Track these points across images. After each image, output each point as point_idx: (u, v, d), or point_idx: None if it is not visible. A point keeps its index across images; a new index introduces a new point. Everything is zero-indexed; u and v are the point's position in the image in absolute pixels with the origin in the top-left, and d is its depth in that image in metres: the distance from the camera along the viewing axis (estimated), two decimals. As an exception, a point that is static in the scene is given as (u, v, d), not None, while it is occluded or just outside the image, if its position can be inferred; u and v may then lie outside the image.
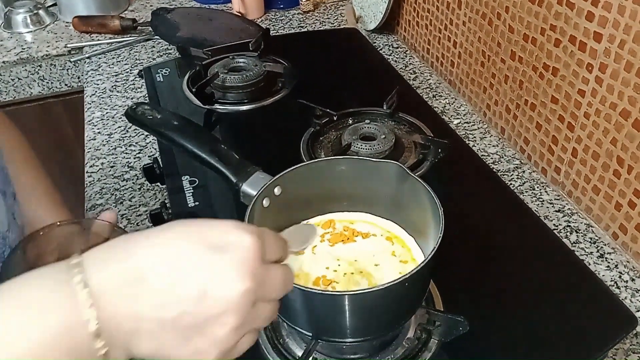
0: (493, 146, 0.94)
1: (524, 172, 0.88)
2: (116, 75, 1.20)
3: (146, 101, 1.03)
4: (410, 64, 1.20)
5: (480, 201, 0.76)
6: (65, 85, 1.35)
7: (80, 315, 0.31)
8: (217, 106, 0.96)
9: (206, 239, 0.34)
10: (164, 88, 1.03)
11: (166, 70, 1.07)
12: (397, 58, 1.23)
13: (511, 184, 0.85)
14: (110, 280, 0.32)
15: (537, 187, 0.85)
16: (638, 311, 0.67)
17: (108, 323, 0.32)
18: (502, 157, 0.92)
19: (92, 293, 0.32)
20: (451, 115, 1.02)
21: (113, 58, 1.27)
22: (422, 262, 0.47)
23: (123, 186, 0.88)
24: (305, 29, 1.37)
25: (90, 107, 1.09)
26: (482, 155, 0.91)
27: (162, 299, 0.32)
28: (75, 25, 1.37)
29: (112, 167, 0.93)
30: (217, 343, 0.34)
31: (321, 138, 0.86)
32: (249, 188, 0.57)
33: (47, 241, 0.51)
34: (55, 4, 1.48)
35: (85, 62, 1.27)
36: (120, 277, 0.32)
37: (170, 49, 1.28)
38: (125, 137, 0.99)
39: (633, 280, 0.71)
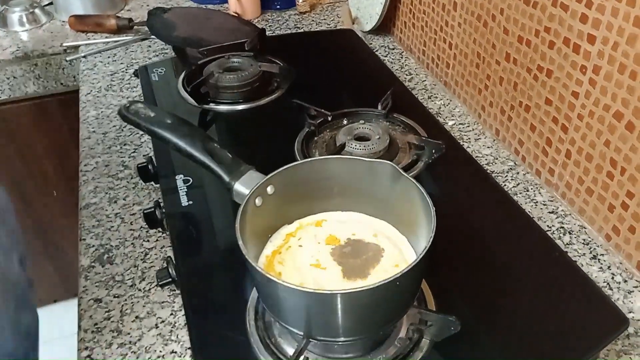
0: (487, 147, 0.94)
1: (518, 173, 0.89)
2: (112, 75, 1.20)
3: (140, 100, 1.03)
4: (405, 65, 1.21)
5: (474, 202, 0.77)
6: (61, 84, 1.35)
7: None
8: (212, 105, 0.96)
9: None
10: (159, 87, 1.03)
11: (162, 69, 1.07)
12: (392, 59, 1.23)
13: (505, 185, 0.86)
14: None
15: (531, 189, 0.85)
16: (630, 312, 0.67)
17: None
18: (497, 159, 0.92)
19: None
20: (446, 117, 1.03)
21: (109, 57, 1.27)
22: (414, 261, 0.47)
23: (117, 185, 0.88)
24: (302, 30, 1.37)
25: (85, 106, 1.09)
26: (477, 156, 0.91)
27: None
28: (72, 24, 1.37)
29: (106, 166, 0.92)
30: None
31: (316, 138, 0.86)
32: (241, 187, 0.57)
33: None
34: (51, 3, 1.48)
35: (81, 61, 1.27)
36: None
37: (166, 49, 1.28)
38: (120, 136, 0.99)
39: (625, 281, 0.71)
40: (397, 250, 0.57)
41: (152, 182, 0.86)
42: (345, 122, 0.87)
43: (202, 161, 0.61)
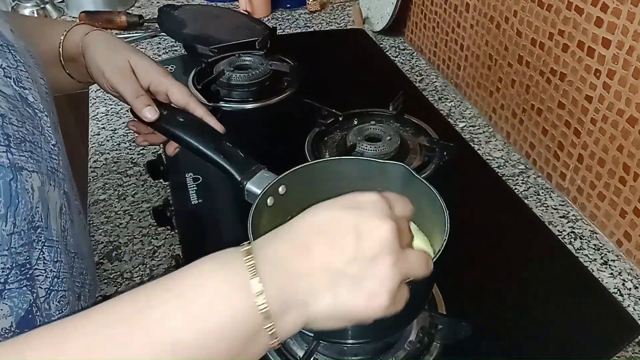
0: (498, 150, 0.94)
1: (529, 177, 0.88)
2: (122, 71, 1.20)
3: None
4: (416, 66, 1.20)
5: (484, 205, 0.76)
6: (71, 80, 1.35)
7: (250, 301, 0.34)
8: (222, 104, 0.95)
9: (342, 205, 0.39)
10: (169, 85, 1.02)
11: (172, 67, 1.07)
12: (403, 60, 1.23)
13: (516, 188, 0.85)
14: (281, 249, 0.37)
15: (542, 193, 0.85)
16: (641, 319, 0.66)
17: (283, 288, 0.35)
18: (507, 162, 0.91)
19: (268, 261, 0.36)
20: (457, 119, 1.02)
21: (119, 54, 1.27)
22: (427, 265, 0.46)
23: (126, 182, 0.88)
24: (312, 29, 1.37)
25: (94, 103, 1.09)
26: (487, 159, 0.90)
27: (328, 254, 0.36)
28: (82, 20, 1.37)
29: (115, 162, 0.92)
30: (385, 282, 0.37)
31: (326, 138, 0.85)
32: (253, 186, 0.57)
33: None
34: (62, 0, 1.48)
35: (91, 57, 1.27)
36: (289, 246, 0.37)
37: (176, 46, 1.28)
38: (130, 133, 0.99)
39: (636, 288, 0.71)
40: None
41: (161, 180, 0.86)
42: (355, 122, 0.87)
43: (213, 160, 0.60)
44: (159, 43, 1.31)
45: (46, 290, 0.47)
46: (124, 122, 1.02)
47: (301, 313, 0.36)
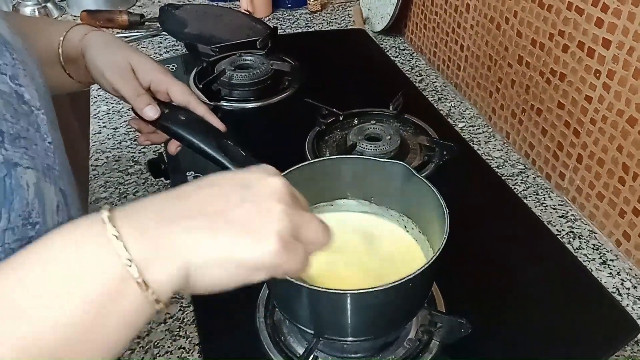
0: (498, 150, 0.94)
1: (528, 177, 0.88)
2: (123, 70, 1.20)
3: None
4: (416, 66, 1.20)
5: (484, 205, 0.76)
6: (72, 78, 1.35)
7: (106, 246, 0.32)
8: (223, 103, 0.96)
9: (235, 179, 0.37)
10: (170, 84, 1.03)
11: (173, 66, 1.07)
12: (403, 60, 1.23)
13: (515, 188, 0.85)
14: (152, 202, 0.35)
15: (541, 192, 0.85)
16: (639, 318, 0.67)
17: (145, 233, 0.33)
18: (507, 162, 0.91)
19: (131, 211, 0.34)
20: (456, 119, 1.02)
21: (120, 53, 1.27)
22: (427, 263, 0.47)
23: (127, 180, 0.88)
24: (313, 29, 1.37)
25: (96, 101, 1.10)
26: (487, 159, 0.91)
27: (208, 200, 0.34)
28: (83, 19, 1.37)
29: (116, 161, 0.93)
30: (272, 223, 0.34)
31: (326, 137, 0.86)
32: (254, 185, 0.57)
33: None
34: (63, -2, 1.49)
35: (92, 56, 1.27)
36: (163, 197, 0.35)
37: (178, 45, 1.28)
38: (131, 131, 0.99)
39: (635, 287, 0.71)
40: (407, 252, 0.57)
41: (162, 178, 0.86)
42: (356, 122, 0.87)
43: (214, 158, 0.60)
44: (160, 42, 1.31)
45: None
46: (125, 121, 1.02)
47: (174, 260, 0.33)
